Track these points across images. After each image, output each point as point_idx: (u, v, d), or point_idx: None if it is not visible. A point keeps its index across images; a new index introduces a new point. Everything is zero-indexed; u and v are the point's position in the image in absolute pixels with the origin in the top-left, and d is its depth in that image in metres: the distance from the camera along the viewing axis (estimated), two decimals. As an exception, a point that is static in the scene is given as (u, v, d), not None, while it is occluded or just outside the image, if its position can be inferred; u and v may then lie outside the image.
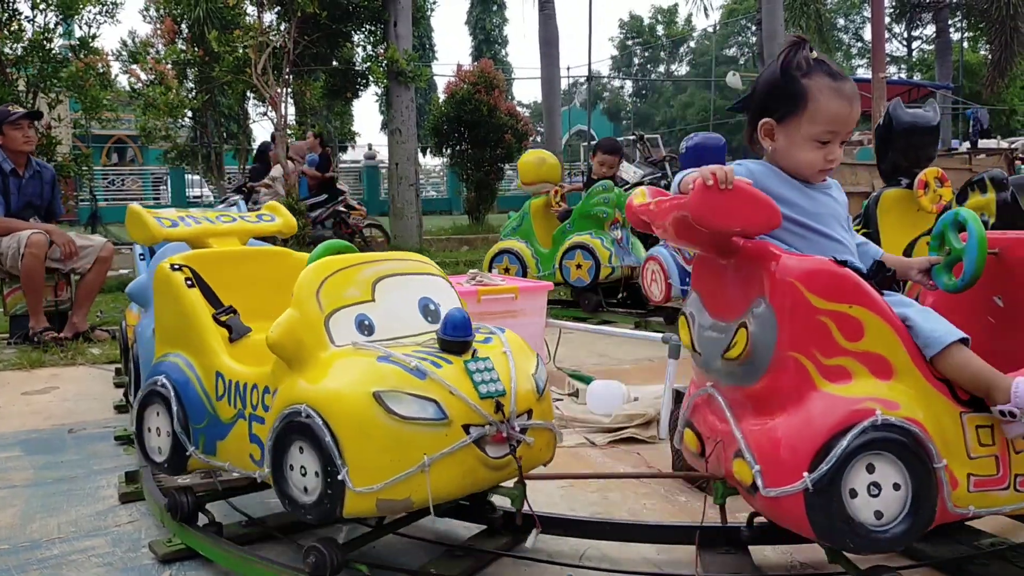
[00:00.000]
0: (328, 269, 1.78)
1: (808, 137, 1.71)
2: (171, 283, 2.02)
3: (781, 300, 1.54)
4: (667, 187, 5.47)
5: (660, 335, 3.22)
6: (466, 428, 1.62)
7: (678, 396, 2.53)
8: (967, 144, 16.02)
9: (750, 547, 1.90)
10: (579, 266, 5.72)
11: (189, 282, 2.01)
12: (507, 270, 5.98)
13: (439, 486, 1.59)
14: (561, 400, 3.34)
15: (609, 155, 6.21)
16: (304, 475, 1.63)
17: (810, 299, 1.53)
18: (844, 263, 1.61)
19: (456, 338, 1.71)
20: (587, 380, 3.33)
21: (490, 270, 5.83)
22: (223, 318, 2.02)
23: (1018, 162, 11.60)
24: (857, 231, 4.08)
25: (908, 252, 3.67)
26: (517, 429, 1.69)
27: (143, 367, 2.31)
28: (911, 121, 3.77)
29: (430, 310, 1.89)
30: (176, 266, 2.04)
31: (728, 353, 1.63)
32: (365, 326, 1.76)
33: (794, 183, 1.74)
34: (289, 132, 11.24)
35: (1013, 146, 14.62)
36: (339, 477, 1.56)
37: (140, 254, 3.12)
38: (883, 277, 1.74)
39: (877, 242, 3.60)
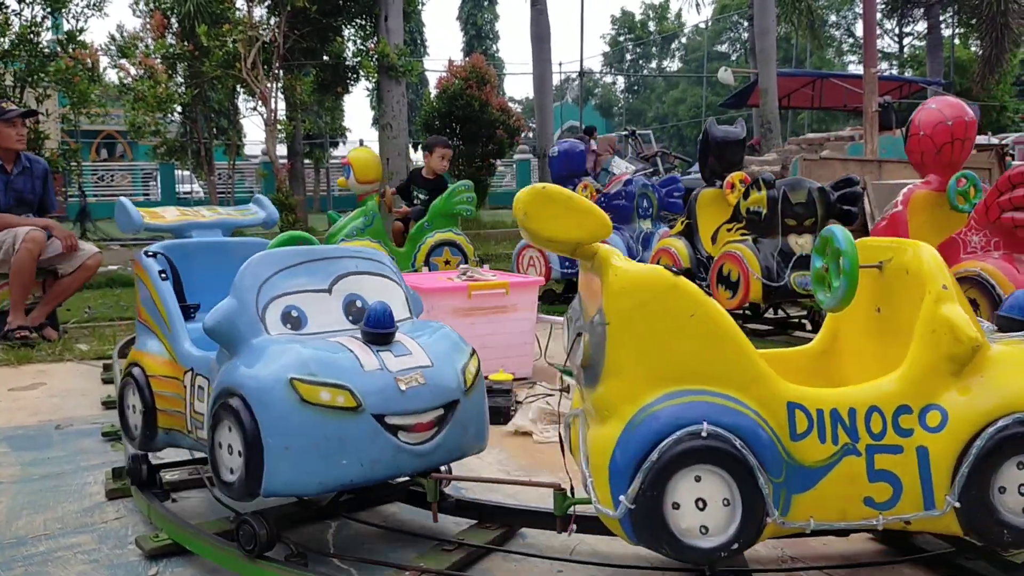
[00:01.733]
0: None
1: None
2: (683, 296, 1.53)
3: None
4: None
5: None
6: None
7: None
8: (957, 140, 16.05)
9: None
10: (447, 262, 5.81)
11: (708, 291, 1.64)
12: None
13: None
14: (552, 395, 3.33)
15: (448, 148, 6.42)
16: None
17: None
18: None
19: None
20: (578, 375, 3.32)
21: None
22: None
23: (1008, 158, 11.64)
24: (683, 222, 4.81)
25: (714, 237, 4.78)
26: None
27: (275, 434, 1.67)
28: (722, 136, 4.83)
29: None
30: (676, 269, 1.59)
31: None
32: None
33: None
34: (280, 128, 11.20)
35: (1004, 142, 14.68)
36: None
37: (160, 271, 2.20)
38: None
39: (695, 231, 4.90)
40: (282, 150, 16.14)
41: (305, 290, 1.92)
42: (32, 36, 7.98)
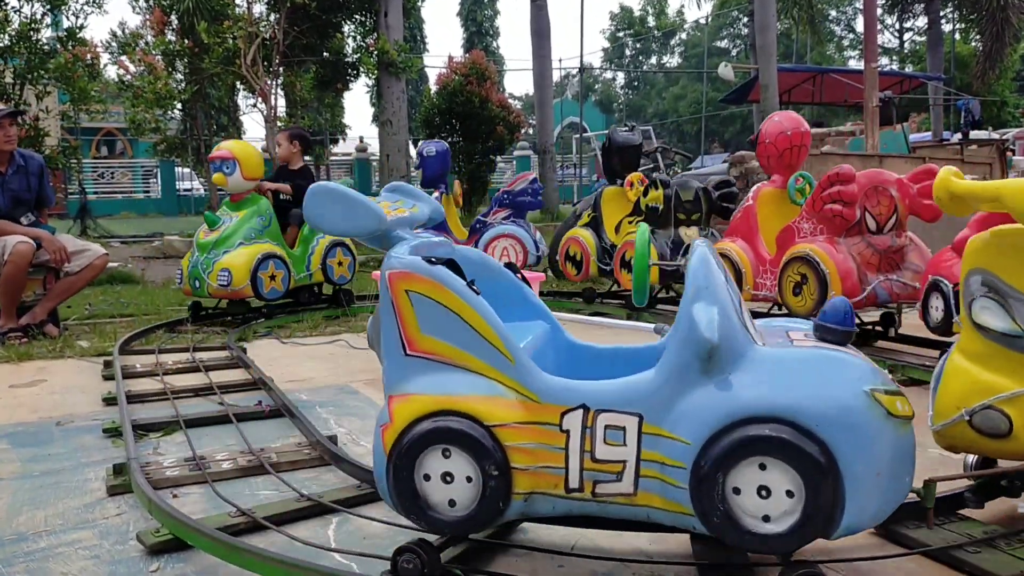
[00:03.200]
0: None
1: None
2: None
3: None
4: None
5: (652, 325, 3.21)
6: None
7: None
8: (959, 135, 16.06)
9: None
10: (340, 263, 5.69)
11: None
12: (273, 277, 5.25)
13: None
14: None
15: (283, 133, 6.10)
16: None
17: None
18: None
19: None
20: (579, 370, 3.31)
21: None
22: None
23: (1009, 153, 11.63)
24: (589, 215, 5.66)
25: (617, 228, 5.64)
26: None
27: (862, 460, 1.44)
28: (623, 141, 5.70)
29: None
30: None
31: None
32: None
33: None
34: (279, 125, 11.19)
35: (1004, 137, 14.68)
36: None
37: (470, 284, 1.69)
38: None
39: (601, 223, 5.79)
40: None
41: None
42: (32, 33, 7.96)
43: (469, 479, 1.59)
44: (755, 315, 4.86)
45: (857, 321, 4.58)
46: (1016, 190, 1.73)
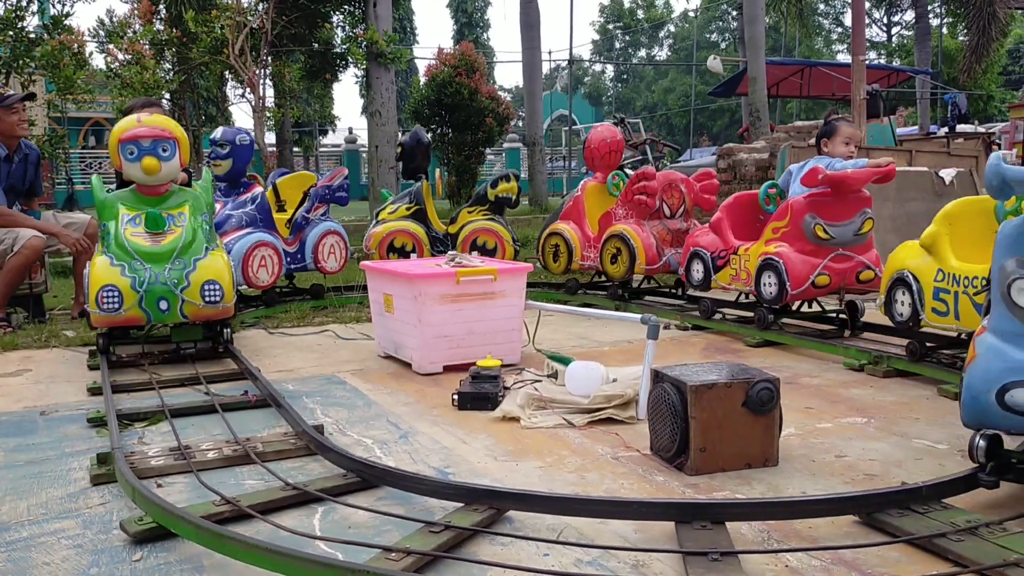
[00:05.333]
0: None
1: None
2: None
3: None
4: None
5: (639, 316, 3.22)
6: None
7: (656, 376, 2.52)
8: (945, 129, 16.14)
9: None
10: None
11: None
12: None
13: None
14: (540, 381, 3.33)
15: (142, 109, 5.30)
16: None
17: None
18: None
19: None
20: (566, 361, 3.32)
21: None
22: None
23: (995, 146, 11.72)
24: (410, 208, 6.20)
25: (454, 219, 6.20)
26: None
27: None
28: (425, 141, 6.27)
29: None
30: None
31: None
32: None
33: None
34: (268, 115, 11.13)
35: (990, 131, 14.78)
36: None
37: None
38: None
39: (426, 214, 6.11)
40: (271, 138, 16.03)
41: None
42: (17, 20, 7.87)
43: None
44: (586, 284, 5.10)
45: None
46: None
